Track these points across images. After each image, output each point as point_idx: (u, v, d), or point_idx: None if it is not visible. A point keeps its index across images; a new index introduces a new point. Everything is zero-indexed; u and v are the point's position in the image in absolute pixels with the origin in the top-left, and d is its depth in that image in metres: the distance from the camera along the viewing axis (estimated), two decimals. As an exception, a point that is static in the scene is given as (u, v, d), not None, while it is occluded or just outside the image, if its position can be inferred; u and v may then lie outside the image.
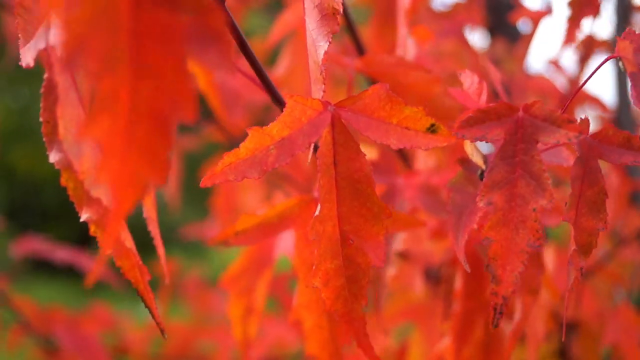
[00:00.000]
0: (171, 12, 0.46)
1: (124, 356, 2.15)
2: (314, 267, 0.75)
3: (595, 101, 1.77)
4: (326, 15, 0.74)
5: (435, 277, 1.41)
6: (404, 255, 1.33)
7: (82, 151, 0.59)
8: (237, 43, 0.79)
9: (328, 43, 0.73)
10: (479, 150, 0.79)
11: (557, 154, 0.82)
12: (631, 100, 0.70)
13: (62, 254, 1.85)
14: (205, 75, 1.13)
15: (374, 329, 1.50)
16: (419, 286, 1.41)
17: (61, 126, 0.58)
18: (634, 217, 1.84)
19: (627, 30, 0.73)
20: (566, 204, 0.72)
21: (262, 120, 1.98)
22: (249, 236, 0.91)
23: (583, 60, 1.70)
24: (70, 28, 0.45)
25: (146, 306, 0.73)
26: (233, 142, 1.88)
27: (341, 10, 0.73)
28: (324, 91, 0.74)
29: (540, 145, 0.77)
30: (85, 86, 0.46)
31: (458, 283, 1.07)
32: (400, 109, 0.72)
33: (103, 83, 0.46)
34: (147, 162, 0.47)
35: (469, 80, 0.81)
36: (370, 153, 1.39)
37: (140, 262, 0.72)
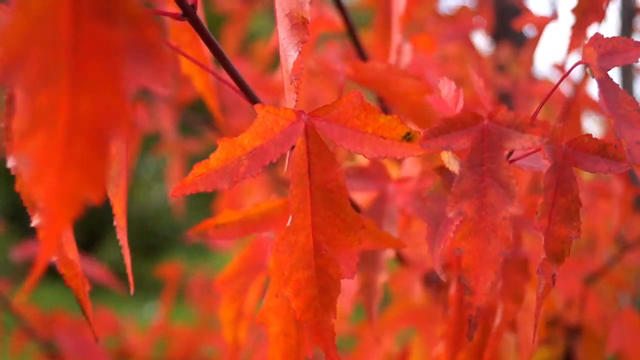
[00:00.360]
0: (109, 27, 0.46)
1: (128, 360, 2.16)
2: (285, 277, 0.74)
3: (598, 106, 1.75)
4: (296, 24, 0.73)
5: (435, 282, 1.41)
6: (402, 261, 1.32)
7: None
8: (215, 55, 0.79)
9: (298, 52, 0.73)
10: (456, 158, 0.78)
11: (536, 160, 0.81)
12: (600, 106, 0.69)
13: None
14: (201, 77, 1.13)
15: (368, 336, 1.50)
16: (418, 291, 1.41)
17: (16, 138, 0.59)
18: (638, 223, 1.84)
19: (594, 35, 0.72)
20: (537, 212, 0.72)
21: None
22: (228, 230, 0.91)
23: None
24: (8, 42, 0.45)
25: (83, 314, 0.76)
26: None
27: (309, 19, 0.73)
28: (296, 100, 0.74)
29: (518, 153, 0.77)
30: (20, 100, 0.45)
31: (452, 289, 1.07)
32: (375, 118, 0.72)
33: (41, 97, 0.45)
34: (84, 178, 0.46)
35: (446, 87, 0.80)
36: (362, 159, 1.39)
37: (82, 272, 0.74)
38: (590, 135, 0.73)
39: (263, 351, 1.96)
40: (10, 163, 0.67)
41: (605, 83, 0.70)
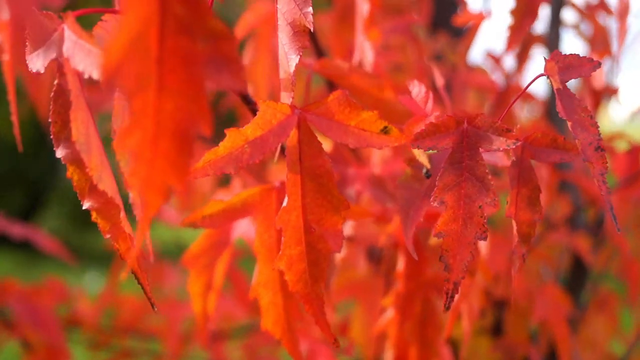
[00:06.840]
0: (191, 41, 0.56)
1: (77, 328, 2.18)
2: (280, 253, 0.83)
3: (529, 97, 1.88)
4: (298, 32, 0.82)
5: (377, 257, 1.50)
6: (350, 238, 1.42)
7: (92, 150, 0.68)
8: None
9: (299, 57, 0.82)
10: (424, 152, 0.88)
11: (493, 154, 0.91)
12: (559, 112, 0.80)
13: (16, 229, 1.88)
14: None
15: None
16: (362, 265, 1.50)
17: (74, 128, 0.67)
18: (562, 205, 1.96)
19: (554, 52, 0.82)
20: (507, 202, 0.83)
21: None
22: (214, 220, 0.99)
23: (521, 55, 1.80)
24: (109, 55, 0.54)
25: (139, 283, 0.81)
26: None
27: (312, 28, 0.82)
28: (292, 97, 0.83)
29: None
30: (120, 102, 0.56)
31: (400, 265, 1.18)
32: (358, 113, 0.81)
33: (136, 101, 0.55)
34: (170, 170, 0.56)
35: (416, 89, 0.90)
36: (325, 146, 1.49)
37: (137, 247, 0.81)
38: (542, 131, 0.84)
39: (212, 322, 2.04)
40: (60, 153, 0.74)
41: (563, 92, 0.81)
